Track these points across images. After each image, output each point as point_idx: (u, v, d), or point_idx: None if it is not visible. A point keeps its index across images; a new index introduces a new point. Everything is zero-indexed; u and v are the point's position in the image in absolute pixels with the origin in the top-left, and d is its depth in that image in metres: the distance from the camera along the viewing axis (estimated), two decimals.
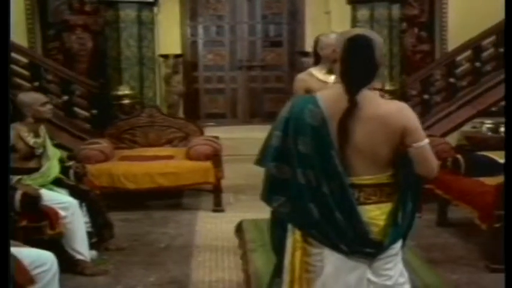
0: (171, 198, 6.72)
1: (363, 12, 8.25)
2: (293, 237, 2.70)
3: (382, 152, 2.57)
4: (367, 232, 2.57)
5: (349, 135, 2.54)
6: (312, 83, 4.49)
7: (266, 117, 11.00)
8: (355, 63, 2.54)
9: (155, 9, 8.45)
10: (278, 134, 2.64)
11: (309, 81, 4.51)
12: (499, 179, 4.41)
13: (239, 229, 4.31)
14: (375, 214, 2.60)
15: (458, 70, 8.42)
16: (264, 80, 11.05)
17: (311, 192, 2.57)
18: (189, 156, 6.36)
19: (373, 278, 2.63)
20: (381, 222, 2.61)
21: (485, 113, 7.51)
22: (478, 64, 8.36)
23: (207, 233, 5.55)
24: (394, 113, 2.55)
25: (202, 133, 7.21)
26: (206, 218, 6.06)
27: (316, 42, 4.56)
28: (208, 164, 6.21)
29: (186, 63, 10.55)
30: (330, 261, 2.62)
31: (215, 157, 6.26)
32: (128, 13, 8.01)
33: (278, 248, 2.83)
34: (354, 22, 8.41)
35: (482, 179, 5.00)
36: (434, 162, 2.60)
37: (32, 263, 3.26)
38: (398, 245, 2.68)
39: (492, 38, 8.20)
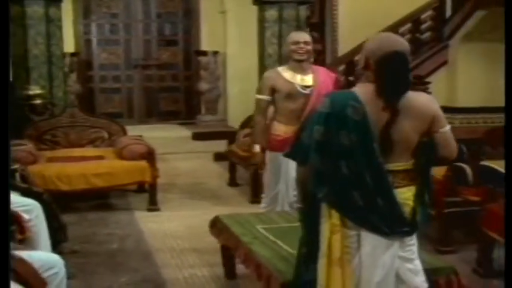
0: (98, 199, 6.59)
1: (272, 13, 8.47)
2: (329, 222, 2.84)
3: (413, 140, 2.79)
4: (403, 212, 2.79)
5: (390, 132, 2.74)
6: (278, 82, 4.65)
7: (162, 116, 11.04)
8: (394, 78, 2.71)
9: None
10: (320, 129, 2.77)
11: (276, 80, 4.65)
12: (444, 168, 4.82)
13: (215, 225, 4.36)
14: (407, 195, 2.83)
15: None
16: (159, 79, 11.05)
17: (354, 181, 2.74)
18: (122, 156, 6.27)
19: (401, 253, 2.86)
20: (411, 203, 2.84)
21: None
22: None
23: (155, 233, 5.52)
24: (426, 103, 2.80)
25: (125, 133, 7.12)
26: (145, 218, 6.01)
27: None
28: (144, 163, 6.17)
29: (81, 62, 10.30)
30: (368, 242, 2.81)
31: (150, 156, 6.23)
32: (35, 10, 7.69)
33: (312, 235, 2.96)
34: (262, 22, 8.62)
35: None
36: (455, 145, 2.88)
37: (42, 266, 3.17)
38: None
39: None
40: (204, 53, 10.62)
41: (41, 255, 3.29)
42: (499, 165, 5.17)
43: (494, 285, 4.29)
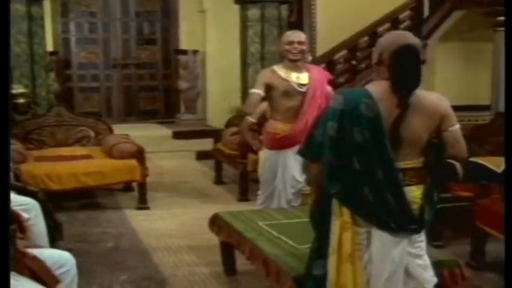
0: (85, 198, 6.57)
1: (254, 12, 8.55)
2: (340, 219, 2.91)
3: (423, 138, 2.87)
4: (412, 210, 2.87)
5: (400, 128, 2.82)
6: (274, 80, 4.71)
7: (141, 115, 11.02)
8: (406, 71, 2.80)
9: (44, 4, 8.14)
10: (333, 125, 2.83)
11: (271, 77, 4.72)
12: None
13: (214, 222, 4.40)
14: (416, 194, 2.90)
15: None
16: (138, 78, 11.02)
17: (366, 177, 2.81)
18: (112, 155, 6.26)
19: (410, 250, 2.94)
20: (420, 201, 2.91)
21: None
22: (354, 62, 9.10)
23: (148, 231, 5.53)
24: (436, 102, 2.87)
25: (111, 131, 7.11)
26: (136, 216, 6.02)
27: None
28: (134, 162, 6.18)
29: (59, 61, 10.23)
30: (377, 238, 2.88)
31: (140, 155, 6.23)
32: (17, 8, 7.64)
33: (322, 232, 3.02)
34: (244, 21, 8.68)
35: None
36: (465, 144, 2.96)
37: (54, 263, 3.17)
38: None
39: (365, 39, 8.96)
40: (184, 52, 10.63)
41: (52, 253, 3.29)
42: (486, 162, 5.31)
43: (488, 277, 4.41)
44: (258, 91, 4.70)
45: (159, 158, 8.86)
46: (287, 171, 4.76)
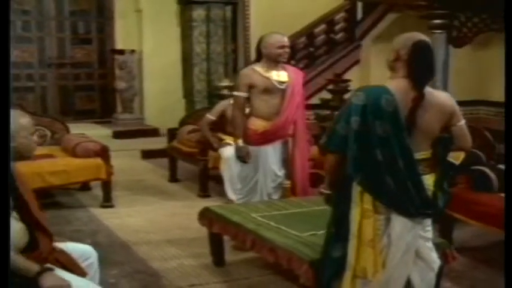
0: (44, 198, 6.50)
1: (199, 12, 8.70)
2: (361, 207, 3.17)
3: (434, 131, 3.18)
4: (429, 196, 3.17)
5: (415, 120, 3.11)
6: (255, 78, 4.91)
7: (78, 114, 10.91)
8: (423, 63, 3.11)
9: None
10: (357, 120, 3.09)
11: (253, 76, 4.91)
12: None
13: (204, 215, 4.54)
14: (429, 182, 3.21)
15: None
16: (74, 77, 10.91)
17: (387, 167, 3.08)
18: (76, 154, 6.26)
19: (422, 233, 3.25)
20: (432, 188, 3.22)
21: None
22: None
23: (122, 228, 5.60)
24: (446, 99, 3.20)
25: (68, 131, 7.09)
26: (103, 214, 6.06)
27: (260, 41, 4.98)
28: (99, 161, 6.20)
29: None
30: (396, 224, 3.16)
31: (104, 153, 6.27)
32: None
33: (340, 217, 3.27)
34: (189, 21, 8.81)
35: None
36: (470, 137, 3.29)
37: (79, 256, 3.26)
38: None
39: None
40: (121, 52, 10.60)
41: (75, 247, 3.36)
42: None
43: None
44: (242, 94, 4.91)
45: None
46: (268, 166, 4.97)
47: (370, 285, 3.18)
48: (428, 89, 3.14)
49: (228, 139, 6.58)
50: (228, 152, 6.35)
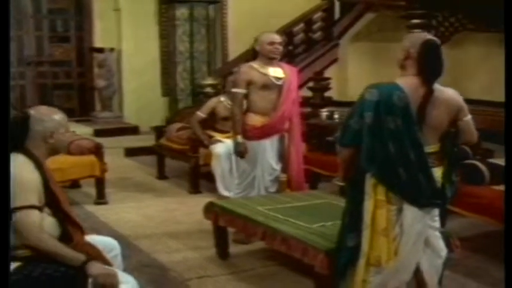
0: None
1: (183, 11, 8.79)
2: (374, 198, 3.35)
3: (443, 125, 3.37)
4: (438, 187, 3.36)
5: (425, 115, 3.29)
6: (254, 75, 5.07)
7: None
8: (432, 61, 3.29)
9: None
10: (370, 115, 3.26)
11: (251, 73, 5.08)
12: None
13: (210, 209, 4.67)
14: (438, 174, 3.40)
15: None
16: (53, 76, 10.89)
17: (399, 159, 3.26)
18: (70, 152, 6.31)
19: (430, 223, 3.45)
20: (441, 180, 3.41)
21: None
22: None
23: (120, 224, 5.68)
24: (454, 96, 3.39)
25: None
26: (99, 211, 6.13)
27: (256, 40, 5.13)
28: (93, 158, 6.28)
29: None
30: (408, 213, 3.34)
31: (98, 150, 6.34)
32: None
33: (354, 208, 3.44)
34: (173, 20, 8.90)
35: None
36: (476, 131, 3.49)
37: (103, 249, 3.36)
38: None
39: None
40: (101, 50, 10.64)
41: (99, 239, 3.47)
42: None
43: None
44: (240, 90, 5.07)
45: None
46: (265, 159, 5.13)
47: (383, 272, 3.35)
48: (436, 86, 3.32)
49: (218, 136, 6.74)
50: (219, 148, 6.50)
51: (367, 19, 9.78)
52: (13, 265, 2.77)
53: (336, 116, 7.53)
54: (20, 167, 2.90)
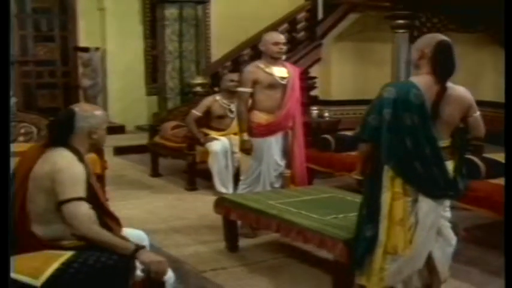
0: None
1: (172, 11, 8.90)
2: (392, 191, 3.55)
3: (455, 121, 3.59)
4: (451, 179, 3.58)
5: (438, 111, 3.51)
6: (259, 74, 5.26)
7: (42, 112, 10.78)
8: (445, 60, 3.51)
9: None
10: (389, 111, 3.46)
11: (257, 73, 5.26)
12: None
13: (220, 204, 4.82)
14: (450, 167, 3.62)
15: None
16: (37, 75, 10.91)
17: (416, 153, 3.47)
18: None
19: (443, 213, 3.68)
20: (453, 173, 3.63)
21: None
22: None
23: (125, 219, 5.54)
24: (464, 93, 3.61)
25: None
26: None
27: (260, 40, 5.33)
28: (94, 156, 6.33)
29: None
30: (423, 204, 3.56)
31: (99, 149, 6.42)
32: None
33: (372, 200, 3.64)
34: (162, 20, 9.01)
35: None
36: (484, 127, 3.72)
37: (136, 240, 3.49)
38: None
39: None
40: (86, 49, 10.69)
41: (130, 231, 3.60)
42: None
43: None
44: (246, 89, 5.25)
45: None
46: (270, 155, 5.31)
47: (399, 260, 3.56)
48: (449, 84, 3.54)
49: (214, 134, 6.91)
50: (215, 146, 6.67)
51: (351, 19, 10.00)
52: (65, 255, 2.89)
53: (326, 114, 7.76)
54: (69, 160, 3.03)
